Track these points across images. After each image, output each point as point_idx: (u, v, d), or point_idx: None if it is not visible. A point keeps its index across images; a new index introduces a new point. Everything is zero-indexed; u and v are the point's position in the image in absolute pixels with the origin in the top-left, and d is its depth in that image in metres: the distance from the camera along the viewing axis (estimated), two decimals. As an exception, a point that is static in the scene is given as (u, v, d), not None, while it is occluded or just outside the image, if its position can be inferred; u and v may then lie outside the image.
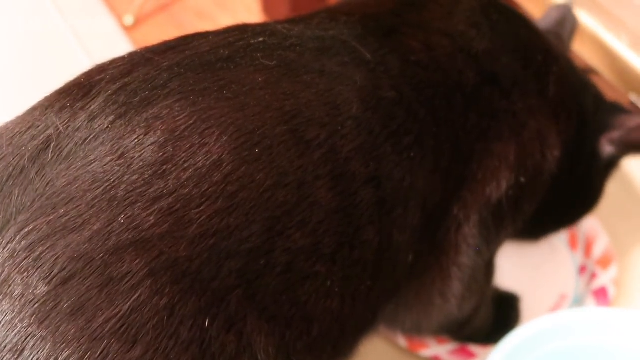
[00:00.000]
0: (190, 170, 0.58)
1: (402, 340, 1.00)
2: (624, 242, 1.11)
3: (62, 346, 0.53)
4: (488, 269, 0.91)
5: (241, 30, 0.72)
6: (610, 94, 1.06)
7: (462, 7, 0.85)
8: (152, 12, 1.52)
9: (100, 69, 0.66)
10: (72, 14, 1.46)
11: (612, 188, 1.04)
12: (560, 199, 0.96)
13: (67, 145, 0.59)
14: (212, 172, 0.58)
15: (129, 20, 1.48)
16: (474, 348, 1.00)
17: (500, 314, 1.01)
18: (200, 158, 0.59)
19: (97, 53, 0.67)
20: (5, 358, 0.52)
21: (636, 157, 1.17)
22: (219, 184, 0.58)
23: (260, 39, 0.70)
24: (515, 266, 1.07)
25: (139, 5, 1.49)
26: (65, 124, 0.60)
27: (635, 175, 1.18)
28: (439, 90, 0.77)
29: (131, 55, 0.68)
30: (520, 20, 0.91)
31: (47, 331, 0.53)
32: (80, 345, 0.53)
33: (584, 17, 1.04)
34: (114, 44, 1.39)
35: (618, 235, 1.11)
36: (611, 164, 0.99)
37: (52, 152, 0.59)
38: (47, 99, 0.64)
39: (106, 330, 0.53)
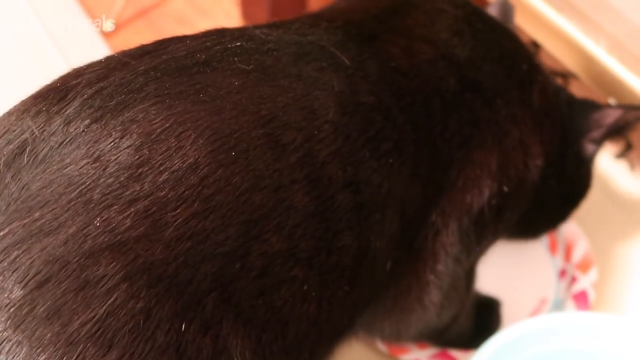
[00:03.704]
0: (167, 173, 0.58)
1: (382, 345, 1.00)
2: (603, 247, 1.12)
3: (38, 350, 0.52)
4: (468, 277, 0.91)
5: (219, 35, 0.72)
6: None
7: (445, 15, 0.85)
8: (131, 18, 1.52)
9: (77, 73, 0.66)
10: (50, 20, 1.46)
11: (592, 193, 1.05)
12: (550, 201, 0.96)
13: (42, 149, 0.59)
14: (188, 175, 0.58)
15: (108, 26, 1.47)
16: (455, 352, 1.00)
17: (481, 319, 1.01)
18: (177, 161, 0.58)
19: (75, 59, 0.66)
20: None
21: (616, 162, 1.18)
22: (195, 186, 0.58)
23: (238, 43, 0.70)
24: (496, 270, 1.06)
25: (118, 11, 1.48)
26: (41, 128, 0.60)
27: (615, 179, 1.19)
28: (418, 96, 0.77)
29: (108, 59, 0.67)
30: (504, 30, 0.91)
31: (22, 335, 0.53)
32: (56, 350, 0.52)
33: (562, 22, 1.04)
34: (93, 50, 1.39)
35: (598, 240, 1.11)
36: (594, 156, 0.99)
37: (27, 156, 0.59)
38: (23, 103, 0.64)
39: (82, 334, 0.53)
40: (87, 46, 1.41)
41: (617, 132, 0.96)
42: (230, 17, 1.50)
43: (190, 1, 1.56)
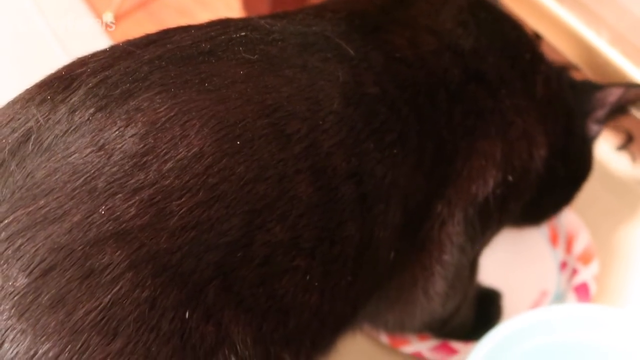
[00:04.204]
0: (171, 162, 0.58)
1: (383, 337, 1.00)
2: (604, 239, 1.12)
3: (42, 339, 0.52)
4: (472, 267, 0.91)
5: (223, 25, 0.71)
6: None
7: (450, 6, 0.85)
8: (132, 9, 1.51)
9: (82, 62, 0.66)
10: (51, 12, 1.45)
11: (593, 185, 1.05)
12: (555, 186, 0.96)
13: (47, 138, 0.59)
14: (193, 164, 0.58)
15: (108, 17, 1.47)
16: (456, 344, 1.00)
17: (482, 311, 1.01)
18: (182, 150, 0.58)
19: (76, 50, 0.67)
20: None
21: (617, 154, 1.18)
22: (200, 175, 0.58)
23: (243, 34, 0.70)
24: (497, 262, 1.07)
25: (118, 2, 1.48)
26: (46, 117, 0.60)
27: (616, 171, 1.19)
28: (422, 87, 0.77)
29: (113, 48, 0.67)
30: (508, 20, 0.91)
31: (27, 324, 0.52)
32: (60, 338, 0.52)
33: (564, 14, 1.04)
34: (94, 42, 1.38)
35: (599, 232, 1.11)
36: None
37: (32, 144, 0.59)
38: (27, 91, 0.64)
39: (86, 322, 0.53)
40: (88, 38, 1.41)
41: (619, 110, 0.97)
42: (230, 8, 1.49)
43: (190, -7, 1.56)
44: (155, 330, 0.55)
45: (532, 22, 1.08)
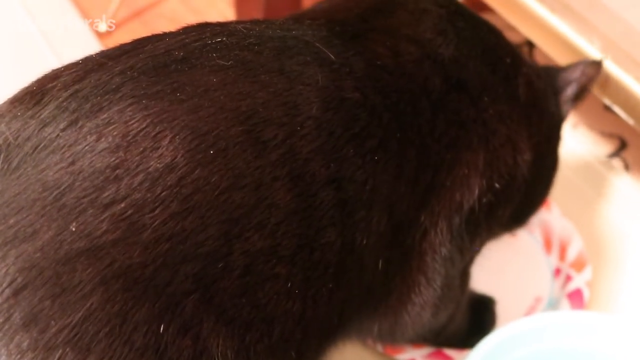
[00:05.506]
0: (143, 174, 0.57)
1: (377, 344, 1.00)
2: (597, 245, 1.12)
3: (17, 357, 0.52)
4: (463, 277, 0.90)
5: (199, 31, 0.71)
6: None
7: (429, 15, 0.84)
8: (126, 19, 1.52)
9: (54, 76, 0.65)
10: (45, 21, 1.45)
11: (587, 192, 1.05)
12: (542, 182, 0.96)
13: (17, 156, 0.59)
14: (165, 176, 0.58)
15: (102, 27, 1.47)
16: (450, 351, 1.00)
17: (476, 318, 1.01)
18: (153, 162, 0.58)
19: (70, 60, 0.67)
20: None
21: (610, 161, 1.18)
22: (173, 187, 0.58)
23: (218, 39, 0.69)
24: (490, 269, 1.06)
25: (112, 12, 1.48)
26: (15, 134, 0.59)
27: (609, 178, 1.19)
28: (404, 95, 0.76)
29: (85, 60, 0.67)
30: (485, 26, 0.91)
31: (0, 343, 0.52)
32: (35, 356, 0.52)
33: (557, 22, 1.04)
34: (87, 51, 1.38)
35: (592, 238, 1.12)
36: None
37: (2, 163, 0.58)
38: None
39: (60, 339, 0.53)
40: (82, 47, 1.41)
41: (584, 89, 0.98)
42: (224, 17, 1.49)
43: (184, 2, 1.56)
44: (129, 345, 0.54)
45: (524, 30, 1.09)
